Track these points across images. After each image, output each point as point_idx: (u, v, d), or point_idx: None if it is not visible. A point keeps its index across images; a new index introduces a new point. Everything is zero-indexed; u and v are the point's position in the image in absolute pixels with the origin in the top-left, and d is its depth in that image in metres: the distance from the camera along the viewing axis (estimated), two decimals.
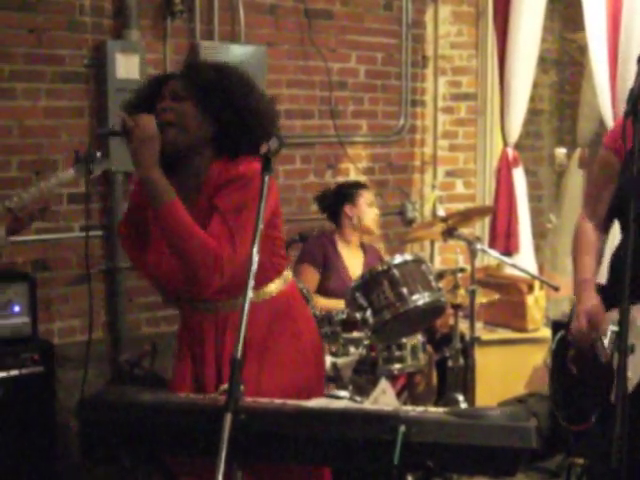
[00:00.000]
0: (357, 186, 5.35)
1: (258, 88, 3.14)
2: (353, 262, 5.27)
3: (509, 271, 6.02)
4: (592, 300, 3.26)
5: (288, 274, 3.25)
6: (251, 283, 2.39)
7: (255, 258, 2.43)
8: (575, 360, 3.40)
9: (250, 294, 2.39)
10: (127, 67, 5.14)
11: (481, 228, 6.60)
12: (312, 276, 5.12)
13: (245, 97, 3.04)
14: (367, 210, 5.24)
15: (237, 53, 5.54)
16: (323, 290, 5.14)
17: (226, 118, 3.00)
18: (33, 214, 3.50)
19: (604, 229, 3.48)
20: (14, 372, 4.54)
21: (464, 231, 5.24)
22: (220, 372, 3.06)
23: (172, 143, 2.97)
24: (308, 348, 3.21)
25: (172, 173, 2.99)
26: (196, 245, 2.82)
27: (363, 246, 5.37)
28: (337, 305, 4.83)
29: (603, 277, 3.45)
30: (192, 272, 2.87)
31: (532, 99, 6.48)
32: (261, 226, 2.50)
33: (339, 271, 5.19)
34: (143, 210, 3.12)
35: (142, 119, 2.88)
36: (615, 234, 3.57)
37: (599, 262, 3.46)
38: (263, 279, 3.07)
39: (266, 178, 2.54)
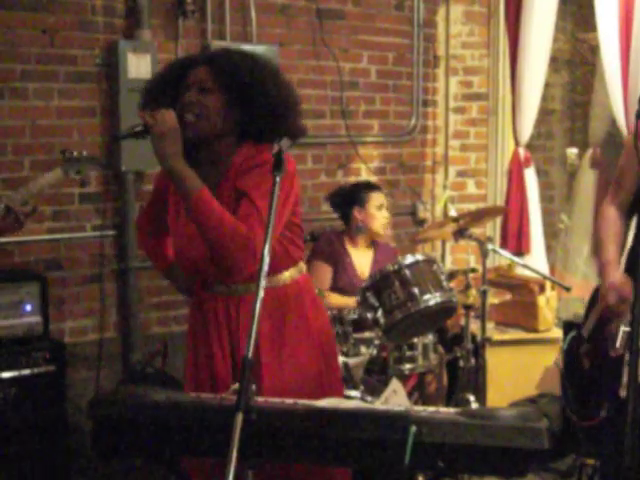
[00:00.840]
0: (367, 188, 5.34)
1: (282, 75, 3.20)
2: (361, 260, 5.27)
3: (520, 271, 6.01)
4: (618, 274, 3.30)
5: (303, 265, 3.27)
6: (263, 283, 2.39)
7: (267, 255, 2.44)
8: (588, 354, 3.42)
9: (262, 294, 2.39)
10: (139, 67, 5.15)
11: (492, 228, 6.58)
12: (325, 273, 5.13)
13: (271, 85, 3.08)
14: (375, 213, 5.24)
15: None
16: (332, 288, 5.16)
17: (252, 107, 3.04)
18: (19, 217, 3.51)
19: (627, 214, 3.53)
20: (26, 371, 4.55)
21: (475, 231, 5.23)
22: (234, 355, 3.12)
23: (197, 134, 3.01)
24: (316, 337, 3.25)
25: (195, 160, 3.03)
26: (228, 231, 2.84)
27: (375, 244, 5.36)
28: (350, 302, 4.84)
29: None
30: (226, 258, 2.90)
31: (544, 99, 6.46)
32: (273, 221, 2.51)
33: (347, 269, 5.20)
34: (165, 194, 3.21)
35: (161, 114, 2.92)
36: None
37: (621, 249, 3.51)
38: (278, 266, 3.12)
39: (277, 178, 2.55)
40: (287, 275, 3.18)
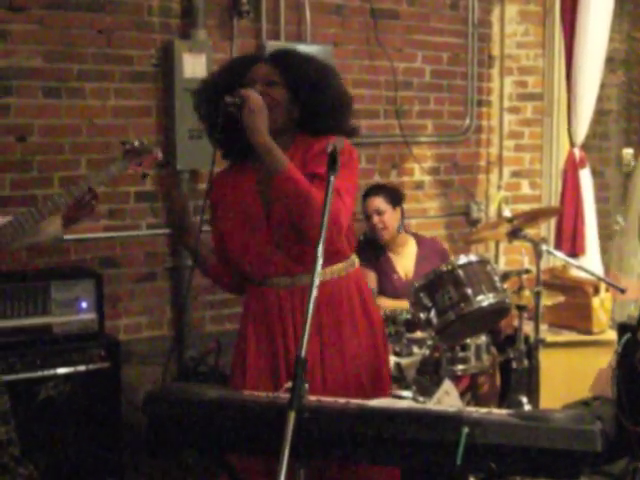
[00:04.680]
0: (367, 193, 5.27)
1: (337, 75, 3.27)
2: (403, 261, 5.24)
3: (575, 273, 5.96)
4: None
5: (355, 259, 3.30)
6: (316, 282, 2.40)
7: (321, 249, 2.47)
8: None
9: (315, 293, 2.39)
10: (194, 67, 5.19)
11: (547, 229, 6.54)
12: (371, 277, 5.11)
13: (331, 85, 3.18)
14: (373, 218, 5.18)
15: None
16: (378, 292, 5.15)
17: (313, 104, 3.13)
18: (84, 206, 3.70)
19: None
20: (81, 368, 4.60)
21: (529, 232, 5.19)
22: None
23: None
24: (377, 325, 3.32)
25: (253, 152, 3.08)
26: (317, 205, 2.86)
27: (418, 241, 5.31)
28: (400, 305, 4.83)
29: None
30: (315, 232, 2.89)
31: (599, 99, 6.41)
32: (327, 219, 2.53)
33: (388, 272, 5.18)
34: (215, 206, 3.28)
35: (252, 91, 3.01)
36: None
37: None
38: (337, 257, 3.18)
39: (332, 178, 2.56)
40: (344, 266, 3.22)
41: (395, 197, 5.22)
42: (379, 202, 5.16)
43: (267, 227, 3.13)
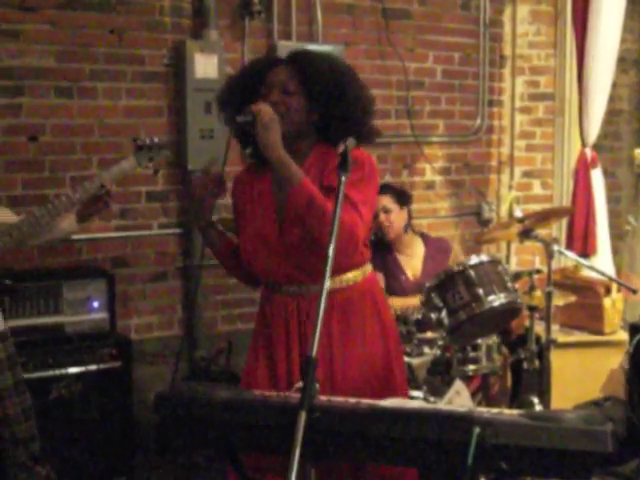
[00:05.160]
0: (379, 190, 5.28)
1: (358, 77, 3.21)
2: (410, 261, 5.23)
3: (586, 273, 5.95)
4: None
5: (368, 266, 3.28)
6: (327, 284, 2.40)
7: (331, 256, 2.45)
8: None
9: (325, 295, 2.39)
10: (206, 67, 5.20)
11: (558, 229, 6.53)
12: (379, 280, 5.10)
13: (350, 89, 3.11)
14: (379, 216, 5.18)
15: None
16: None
17: (333, 109, 3.08)
18: (97, 202, 3.75)
19: None
20: (92, 367, 4.62)
21: (541, 232, 5.18)
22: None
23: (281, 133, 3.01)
24: (390, 331, 3.28)
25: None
26: (331, 219, 2.81)
27: (425, 240, 5.31)
28: (410, 302, 4.82)
29: None
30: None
31: (611, 99, 6.40)
32: (337, 222, 2.51)
33: (396, 273, 5.17)
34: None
35: (263, 105, 2.97)
36: None
37: None
38: (349, 264, 3.14)
39: (342, 177, 2.55)
40: (357, 273, 3.19)
41: (403, 197, 5.21)
42: (386, 201, 5.16)
43: (279, 236, 3.10)
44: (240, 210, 3.26)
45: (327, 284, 2.40)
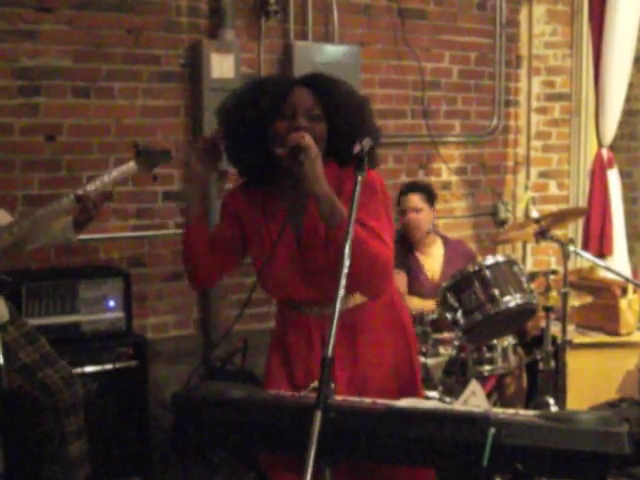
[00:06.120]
0: (402, 191, 5.27)
1: (370, 107, 3.14)
2: (430, 261, 5.24)
3: (602, 274, 5.94)
4: None
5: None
6: (343, 282, 2.40)
7: (347, 260, 2.44)
8: None
9: (341, 293, 2.39)
10: (222, 67, 5.21)
11: (574, 230, 6.52)
12: (401, 279, 5.11)
13: (364, 118, 3.05)
14: (409, 214, 5.18)
15: (331, 53, 5.57)
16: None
17: (347, 134, 2.96)
18: (96, 204, 3.75)
19: None
20: (108, 366, 4.63)
21: (557, 233, 5.18)
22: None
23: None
24: (411, 338, 3.25)
25: (283, 182, 3.01)
26: (371, 256, 2.78)
27: (445, 242, 5.32)
28: (428, 305, 4.83)
29: None
30: (368, 281, 2.87)
31: (627, 99, 6.38)
32: (351, 229, 2.49)
33: (416, 272, 5.18)
34: (241, 218, 3.15)
35: (308, 137, 2.84)
36: None
37: None
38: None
39: (359, 178, 2.55)
40: None
41: (432, 197, 5.24)
42: (417, 200, 5.17)
43: (298, 259, 3.01)
44: (248, 228, 3.13)
45: (343, 282, 2.40)
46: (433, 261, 5.25)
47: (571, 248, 5.03)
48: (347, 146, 2.95)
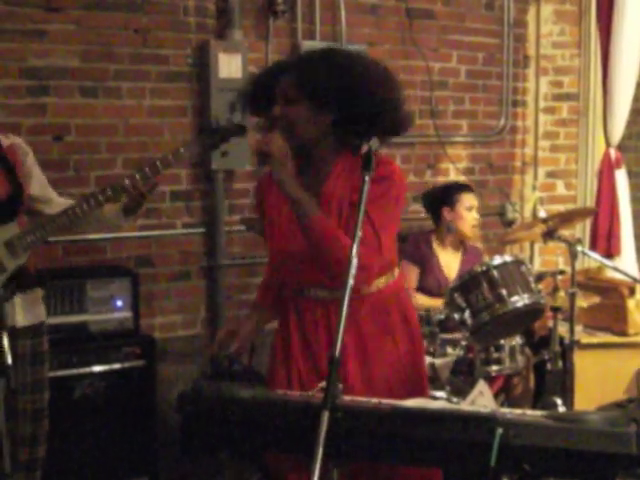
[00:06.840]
0: (458, 189, 5.33)
1: (375, 67, 3.02)
2: (449, 262, 5.27)
3: (610, 274, 5.93)
4: None
5: (397, 270, 3.25)
6: (351, 281, 2.40)
7: (355, 258, 2.44)
8: None
9: (348, 291, 2.39)
10: (230, 67, 5.20)
11: (582, 230, 6.51)
12: (412, 273, 5.14)
13: (362, 84, 2.93)
14: (464, 214, 5.23)
15: None
16: (419, 289, 5.17)
17: (344, 108, 2.92)
18: (144, 194, 3.72)
19: None
20: (116, 365, 4.64)
21: (565, 233, 5.17)
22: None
23: (290, 145, 2.88)
24: (415, 333, 3.26)
25: (297, 168, 2.99)
26: (341, 255, 2.72)
27: (464, 245, 5.36)
28: (437, 303, 4.83)
29: None
30: (337, 270, 2.81)
31: (635, 99, 6.37)
32: (360, 227, 2.48)
33: (434, 270, 5.20)
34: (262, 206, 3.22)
35: (274, 139, 2.85)
36: None
37: None
38: (378, 271, 3.09)
39: (367, 177, 2.54)
40: (388, 276, 3.15)
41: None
42: (473, 199, 5.26)
43: (307, 247, 2.98)
44: (267, 216, 3.17)
45: (351, 281, 2.40)
46: (452, 262, 5.28)
47: (579, 248, 5.02)
48: (348, 123, 2.94)
